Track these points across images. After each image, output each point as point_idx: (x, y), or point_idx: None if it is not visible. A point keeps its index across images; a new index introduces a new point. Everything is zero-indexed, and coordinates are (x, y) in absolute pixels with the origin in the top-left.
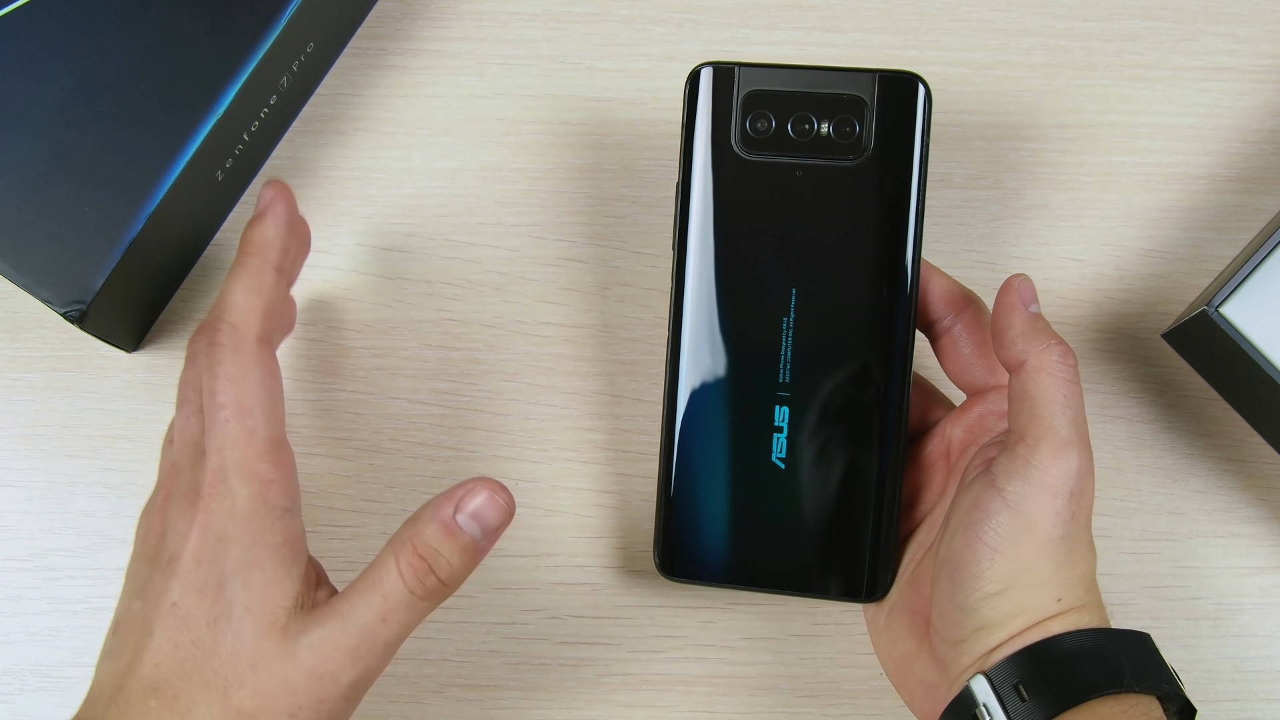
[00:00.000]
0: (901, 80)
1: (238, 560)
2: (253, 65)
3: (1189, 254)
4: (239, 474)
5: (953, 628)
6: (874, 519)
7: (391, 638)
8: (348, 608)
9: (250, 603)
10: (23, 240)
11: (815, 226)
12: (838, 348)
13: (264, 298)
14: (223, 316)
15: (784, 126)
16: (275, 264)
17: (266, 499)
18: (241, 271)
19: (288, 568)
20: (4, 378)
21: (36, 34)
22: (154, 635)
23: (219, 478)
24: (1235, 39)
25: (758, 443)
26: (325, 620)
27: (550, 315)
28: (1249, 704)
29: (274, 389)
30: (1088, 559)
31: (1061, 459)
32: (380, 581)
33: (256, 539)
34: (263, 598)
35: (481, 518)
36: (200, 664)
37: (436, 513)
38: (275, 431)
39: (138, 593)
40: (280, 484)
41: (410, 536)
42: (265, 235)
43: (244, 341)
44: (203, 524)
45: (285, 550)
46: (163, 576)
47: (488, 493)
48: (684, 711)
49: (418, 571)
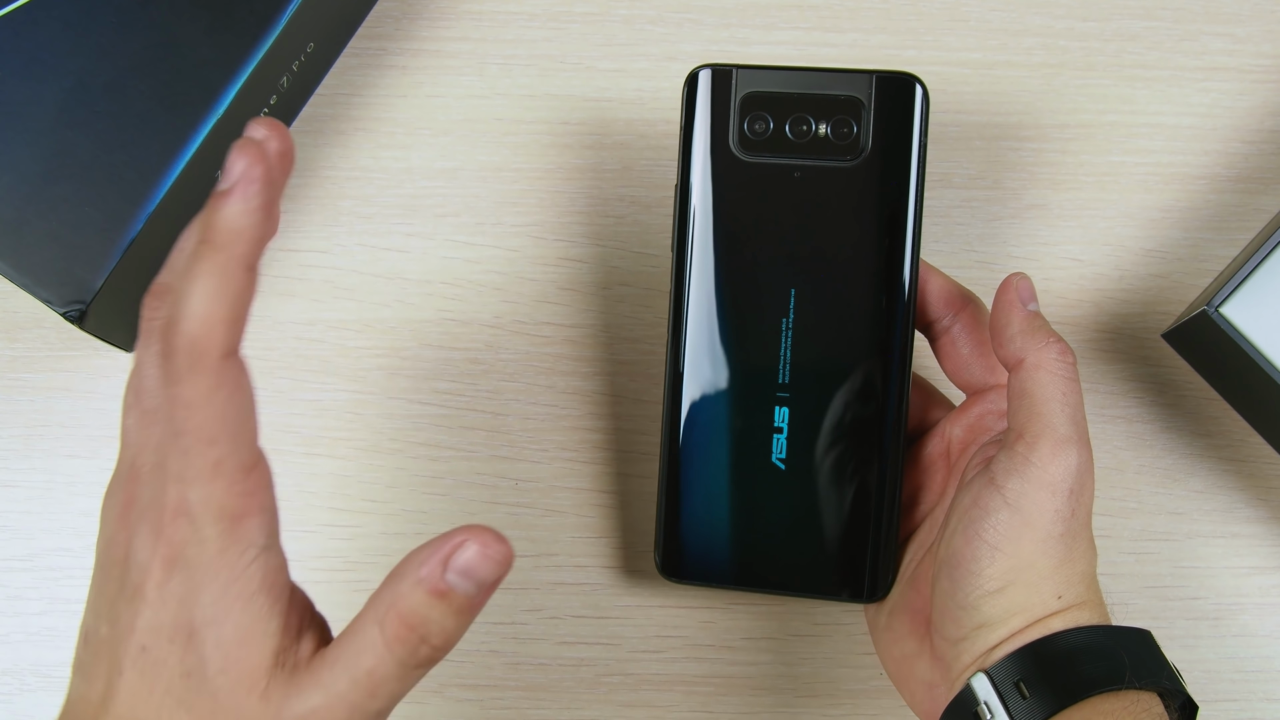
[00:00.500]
0: (899, 81)
1: (208, 611)
2: (253, 65)
3: (1189, 254)
4: (206, 510)
5: (953, 626)
6: (874, 519)
7: (382, 709)
8: (330, 679)
9: (225, 663)
10: (23, 240)
11: (814, 228)
12: (837, 348)
13: (229, 302)
14: (179, 325)
15: (782, 128)
16: (243, 258)
17: (237, 536)
18: (204, 268)
19: (265, 619)
20: (4, 378)
21: (36, 34)
22: (124, 674)
23: (181, 510)
24: (1235, 39)
25: (758, 444)
26: (306, 689)
27: (550, 315)
28: (1249, 704)
29: (243, 406)
30: (1088, 556)
31: (1060, 456)
32: (363, 653)
33: (228, 586)
34: (238, 658)
35: (474, 574)
36: (177, 715)
37: (423, 573)
38: (246, 456)
39: (105, 615)
40: (251, 518)
41: (394, 602)
42: (232, 222)
43: (205, 359)
44: (166, 558)
45: (261, 598)
46: (128, 608)
47: (478, 545)
48: (684, 711)
49: (406, 643)
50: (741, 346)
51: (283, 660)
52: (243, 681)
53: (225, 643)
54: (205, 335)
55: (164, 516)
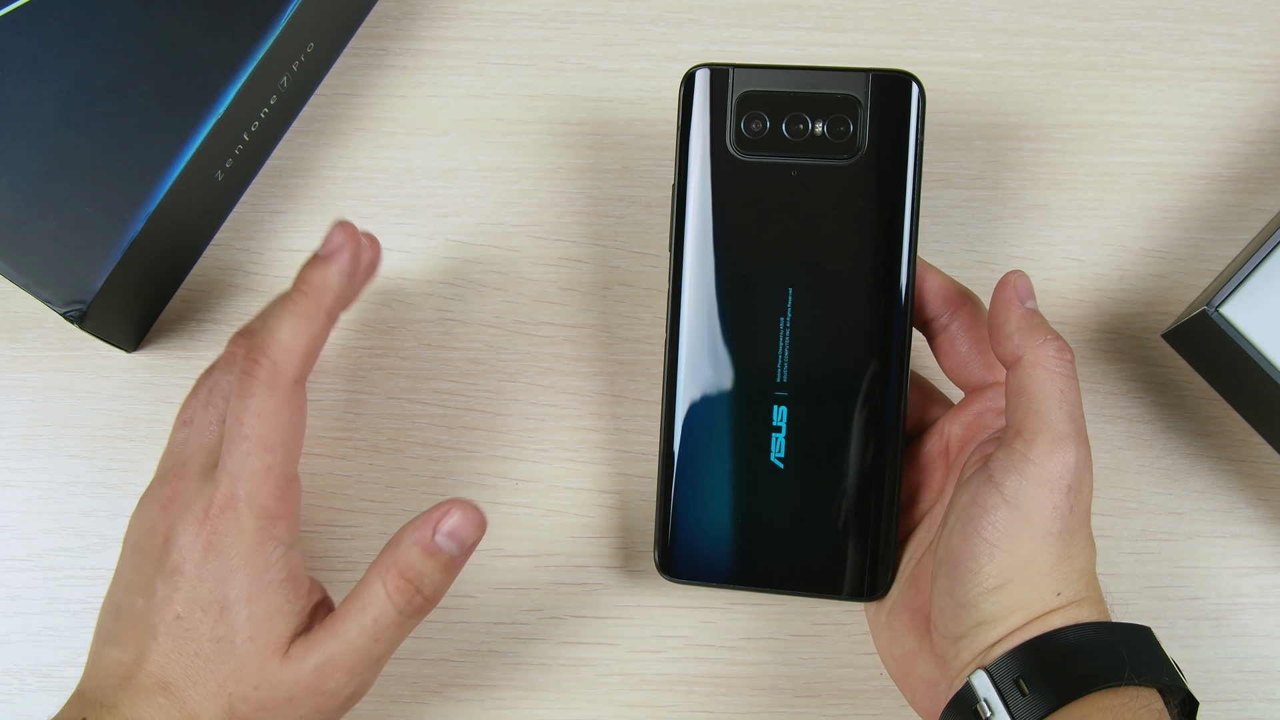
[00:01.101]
0: (895, 79)
1: (242, 590)
2: (253, 65)
3: (1189, 254)
4: (250, 506)
5: (952, 624)
6: (874, 518)
7: (383, 653)
8: (342, 630)
9: (254, 632)
10: (23, 240)
11: (811, 226)
12: (835, 347)
13: (309, 340)
14: (265, 350)
15: (779, 127)
16: (328, 309)
17: (272, 533)
18: (293, 309)
19: (290, 602)
20: (4, 378)
21: (36, 34)
22: (159, 639)
23: (230, 504)
24: (1235, 39)
25: (756, 443)
26: (323, 642)
27: (550, 315)
28: (1249, 704)
29: (299, 427)
30: (1087, 553)
31: (1059, 453)
32: (370, 605)
33: (261, 573)
34: (267, 629)
35: (458, 535)
36: (204, 674)
37: (416, 535)
38: (291, 468)
39: (140, 590)
40: (286, 520)
41: (394, 561)
42: (326, 280)
43: (280, 380)
44: (208, 543)
45: (288, 586)
46: (166, 584)
47: (461, 512)
48: (684, 711)
49: (404, 592)
50: (740, 346)
51: (301, 630)
52: (267, 648)
53: (256, 617)
54: (286, 361)
55: (210, 508)
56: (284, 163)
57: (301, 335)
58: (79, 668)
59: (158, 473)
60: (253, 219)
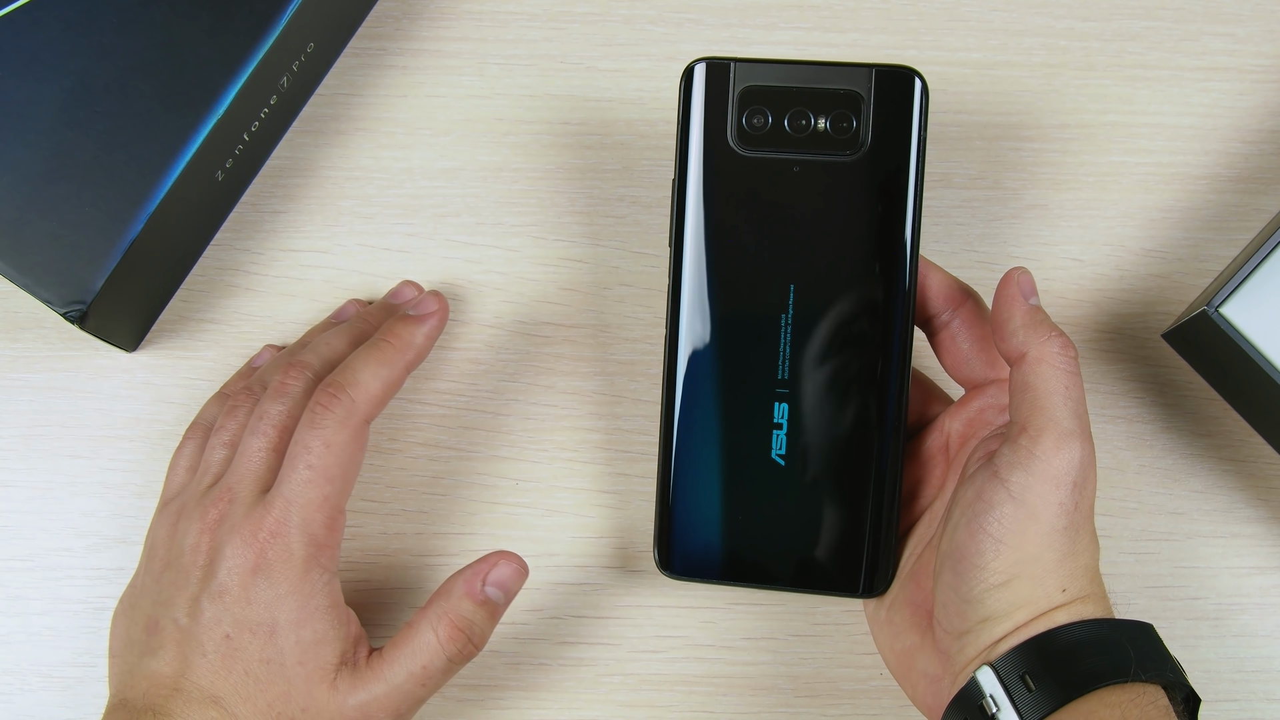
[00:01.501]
0: (898, 74)
1: (291, 615)
2: (253, 65)
3: (1189, 254)
4: (302, 532)
5: (957, 619)
6: (874, 514)
7: (426, 696)
8: (391, 674)
9: (303, 657)
10: (23, 240)
11: (813, 222)
12: (836, 344)
13: (387, 388)
14: (345, 387)
15: (780, 122)
16: (408, 363)
17: (319, 561)
18: (380, 356)
19: (337, 628)
20: (4, 378)
21: (36, 34)
22: (207, 656)
23: (282, 529)
24: (1235, 39)
25: (757, 439)
26: (371, 682)
27: (550, 315)
28: (1249, 704)
29: (358, 465)
30: (1091, 549)
31: (1064, 449)
32: (420, 651)
33: (308, 599)
34: (315, 654)
35: (505, 585)
36: (254, 693)
37: (469, 588)
38: (343, 502)
39: (184, 608)
40: (331, 550)
41: (447, 611)
42: (415, 339)
43: (354, 417)
44: (257, 566)
45: (334, 613)
46: (213, 604)
47: (507, 564)
48: (684, 711)
49: (456, 642)
50: (740, 342)
51: (346, 660)
52: (316, 674)
53: (304, 642)
54: (363, 400)
55: (260, 531)
56: (284, 163)
57: (380, 380)
58: (79, 667)
59: (203, 489)
60: (253, 219)
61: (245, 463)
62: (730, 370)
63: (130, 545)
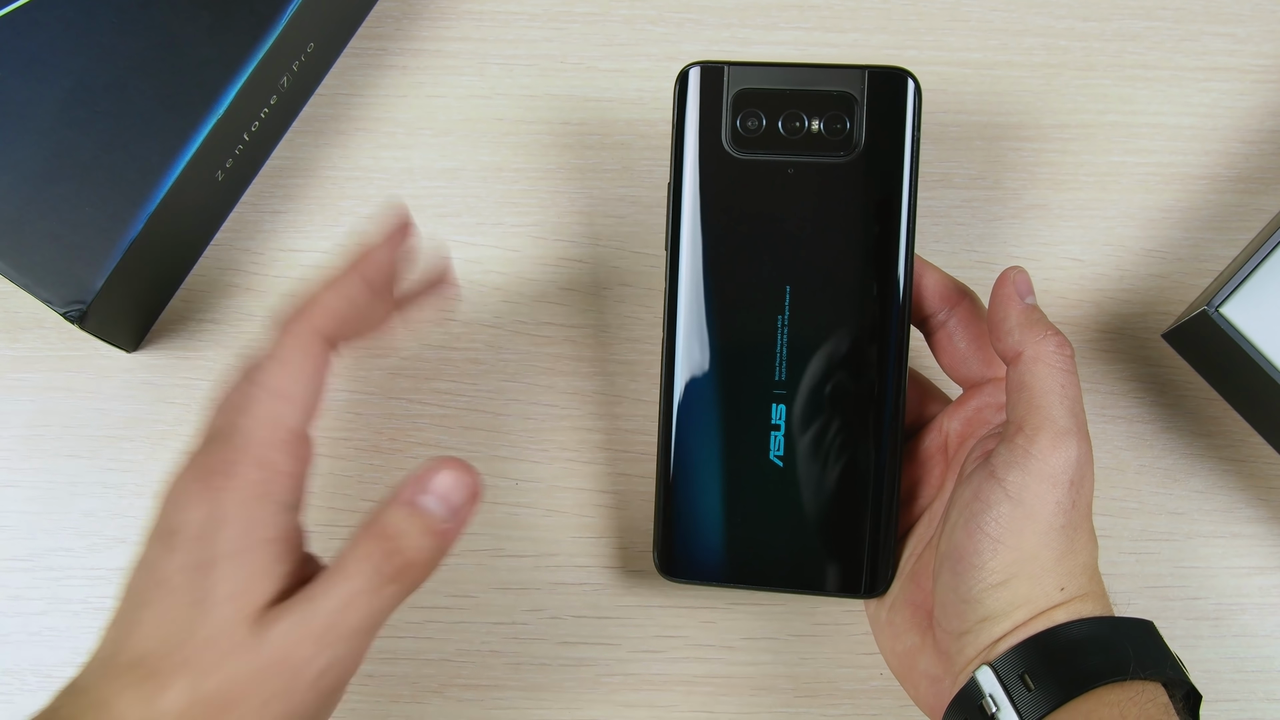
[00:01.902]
0: (891, 76)
1: (231, 545)
2: (253, 65)
3: (1189, 254)
4: (254, 457)
5: (956, 619)
6: (873, 515)
7: (357, 624)
8: (312, 595)
9: (233, 591)
10: (23, 240)
11: (808, 224)
12: (833, 344)
13: (341, 299)
14: (297, 304)
15: (775, 124)
16: (364, 275)
17: (270, 490)
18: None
19: (278, 564)
20: (4, 378)
21: (36, 34)
22: (146, 608)
23: (234, 456)
24: (1235, 39)
25: (755, 441)
26: (292, 610)
27: (550, 315)
28: (1249, 704)
29: (316, 384)
30: (1089, 547)
31: (1060, 448)
32: (344, 568)
33: (251, 528)
34: (246, 588)
35: (447, 497)
36: (179, 644)
37: (397, 494)
38: (300, 424)
39: (141, 563)
40: (288, 478)
41: (373, 520)
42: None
43: (304, 330)
44: (208, 500)
45: (278, 546)
46: (163, 550)
47: (451, 472)
48: (684, 711)
49: (382, 553)
50: (737, 344)
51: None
52: (242, 608)
53: (239, 574)
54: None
55: (212, 460)
56: (284, 163)
57: (334, 293)
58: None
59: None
60: (253, 219)
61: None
62: (727, 372)
63: (130, 545)
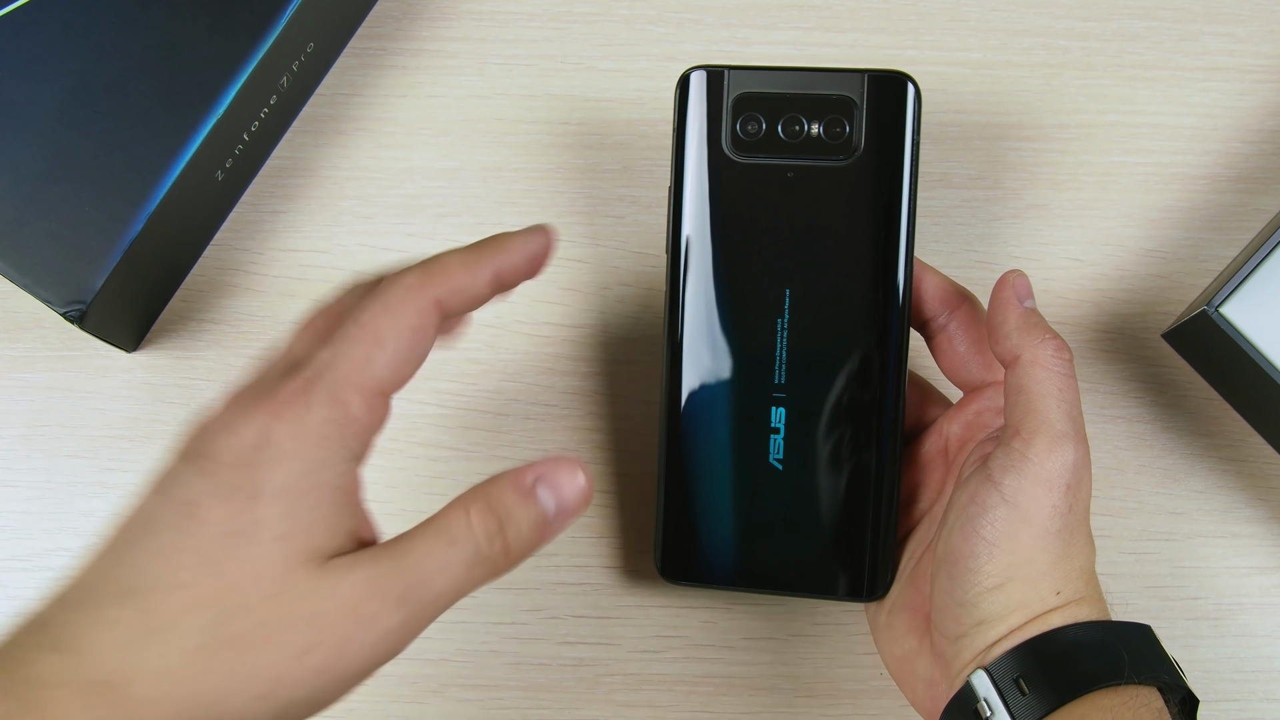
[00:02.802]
0: (891, 80)
1: (290, 481)
2: (253, 65)
3: (1189, 254)
4: (330, 393)
5: (952, 623)
6: (873, 518)
7: (442, 592)
8: (405, 549)
9: (289, 531)
10: (23, 240)
11: (808, 227)
12: (833, 348)
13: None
14: (421, 263)
15: (774, 128)
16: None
17: (344, 433)
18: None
19: (342, 515)
20: (4, 378)
21: (36, 34)
22: (152, 535)
23: (306, 387)
24: (1235, 39)
25: (755, 445)
26: (378, 558)
27: (550, 315)
28: (1249, 704)
29: (418, 348)
30: (1086, 551)
31: (1057, 452)
32: (448, 528)
33: (319, 469)
34: (307, 531)
35: (560, 493)
36: (196, 578)
37: (515, 478)
38: (389, 381)
39: (155, 486)
40: (362, 428)
41: (485, 494)
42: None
43: (421, 292)
44: (261, 424)
45: (344, 496)
46: (190, 471)
47: (569, 469)
48: (684, 711)
49: (489, 527)
50: (737, 347)
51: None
52: (302, 550)
53: (297, 515)
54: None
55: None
56: (284, 163)
57: (467, 272)
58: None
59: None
60: (253, 219)
61: (287, 346)
62: (727, 376)
63: None
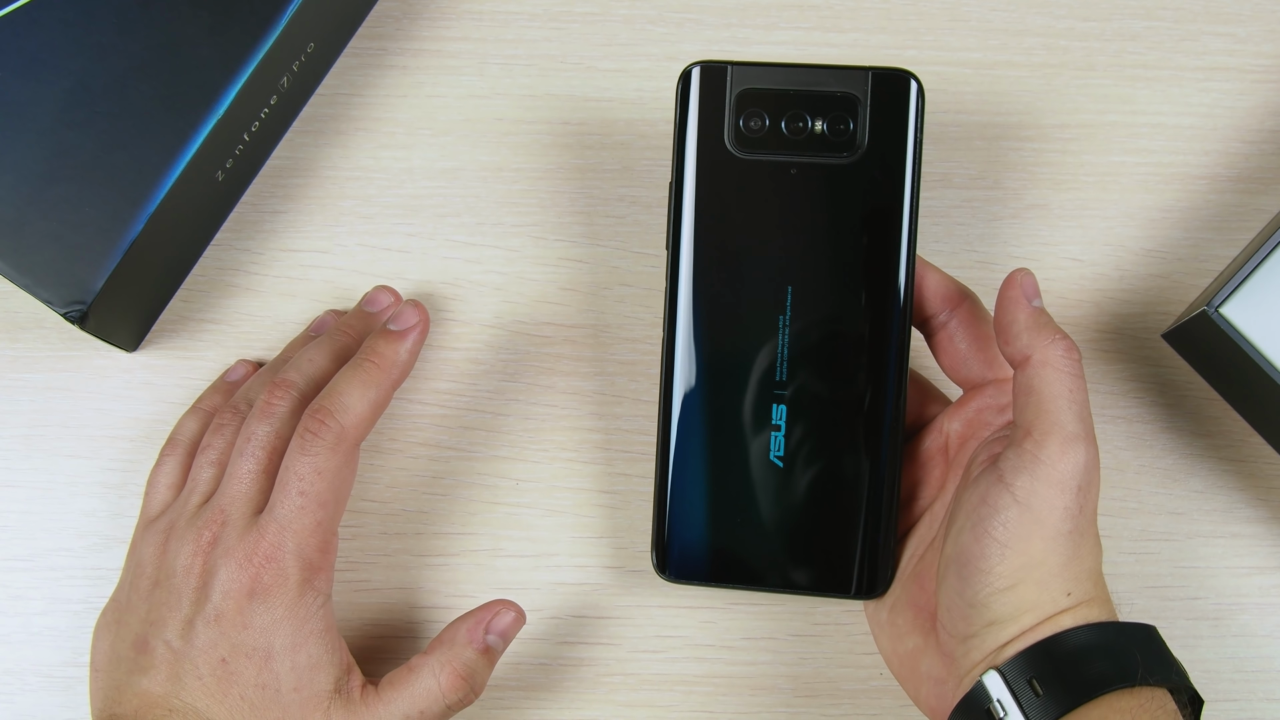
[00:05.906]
0: (894, 77)
1: (286, 640)
2: (253, 65)
3: (1189, 254)
4: (296, 556)
5: (962, 623)
6: (873, 516)
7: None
8: (386, 712)
9: (298, 684)
10: (23, 240)
11: (810, 224)
12: (834, 345)
13: (374, 409)
14: (333, 413)
15: (778, 124)
16: (395, 382)
17: (314, 584)
18: (364, 377)
19: (331, 654)
20: (4, 378)
21: (36, 34)
22: (203, 678)
23: (277, 553)
24: (1235, 39)
25: (755, 442)
26: (365, 717)
27: (550, 315)
28: (1249, 704)
29: (349, 486)
30: (1095, 553)
31: (1069, 453)
32: (421, 695)
33: (303, 623)
34: (310, 680)
35: (505, 634)
36: (249, 717)
37: (472, 636)
38: (335, 525)
39: (177, 630)
40: (325, 573)
41: (451, 659)
42: (399, 357)
43: (344, 442)
44: (253, 590)
45: (328, 637)
46: (209, 628)
47: (507, 611)
48: (684, 711)
49: (458, 691)
50: (738, 344)
51: (340, 689)
52: (310, 701)
53: (299, 668)
54: (352, 426)
55: (255, 555)
56: (284, 163)
57: (367, 402)
58: (80, 667)
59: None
60: (253, 219)
61: (236, 485)
62: (728, 373)
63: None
